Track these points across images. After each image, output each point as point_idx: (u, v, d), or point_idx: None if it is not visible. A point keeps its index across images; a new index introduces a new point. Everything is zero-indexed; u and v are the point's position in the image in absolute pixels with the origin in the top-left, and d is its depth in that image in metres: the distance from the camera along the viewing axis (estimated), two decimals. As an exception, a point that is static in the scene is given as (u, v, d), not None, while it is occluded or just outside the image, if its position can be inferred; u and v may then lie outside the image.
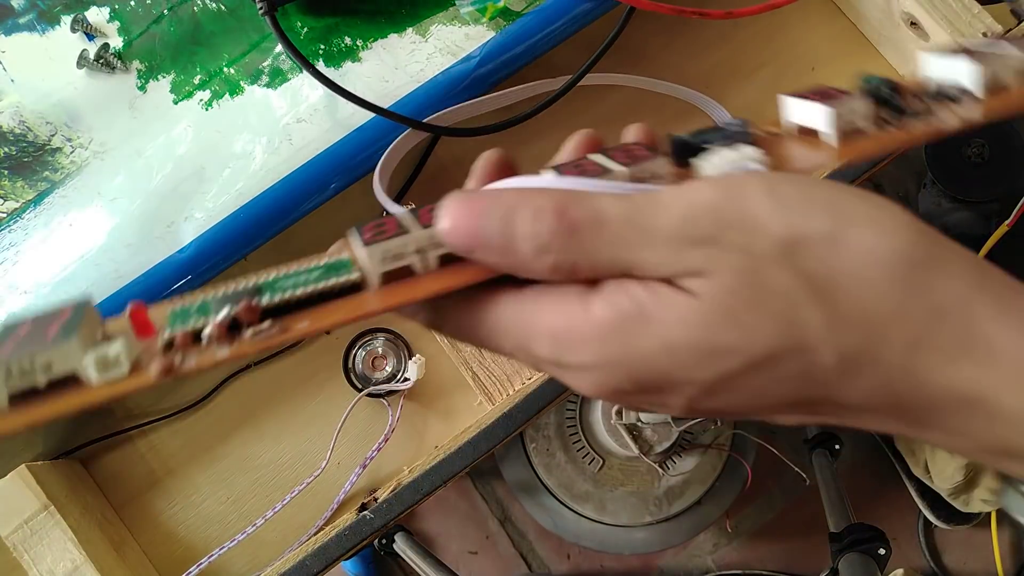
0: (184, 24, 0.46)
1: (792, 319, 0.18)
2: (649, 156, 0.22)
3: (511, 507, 1.08)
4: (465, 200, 0.20)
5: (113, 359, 0.20)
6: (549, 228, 0.19)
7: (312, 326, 0.21)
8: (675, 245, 0.19)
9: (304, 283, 0.22)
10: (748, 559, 1.08)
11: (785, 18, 0.53)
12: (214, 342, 0.21)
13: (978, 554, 1.06)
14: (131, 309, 0.22)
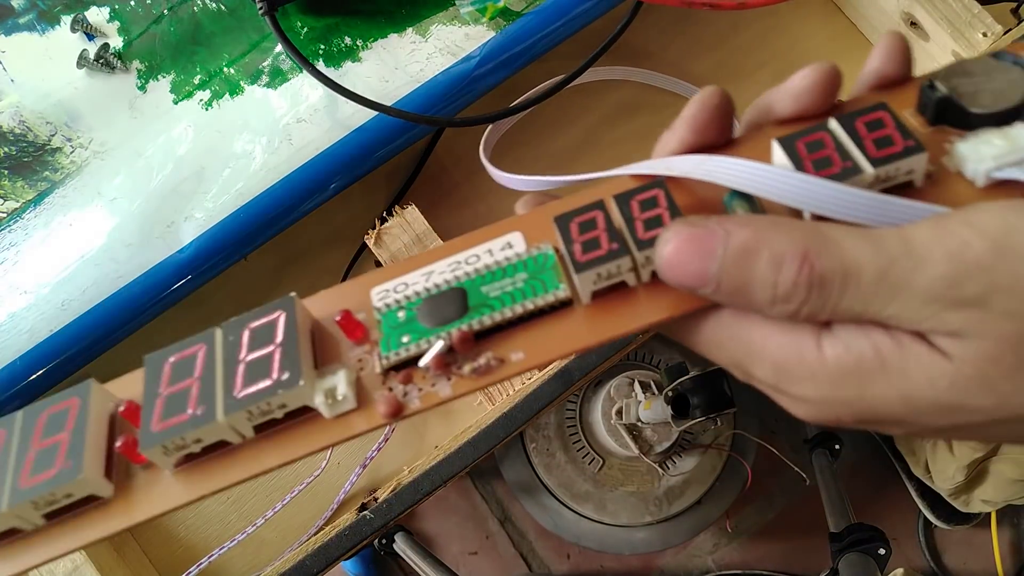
0: (184, 24, 0.46)
1: None
2: (899, 144, 0.20)
3: (511, 507, 1.08)
4: (690, 236, 0.19)
5: (340, 396, 0.21)
6: (791, 280, 0.18)
7: (528, 362, 0.20)
8: (934, 305, 0.17)
9: (512, 299, 0.21)
10: (748, 559, 1.08)
11: (785, 18, 0.53)
12: (431, 375, 0.21)
13: (978, 554, 1.06)
14: (340, 317, 0.21)
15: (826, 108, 0.22)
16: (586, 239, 0.20)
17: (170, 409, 0.21)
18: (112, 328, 0.42)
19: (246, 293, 0.49)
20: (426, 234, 0.45)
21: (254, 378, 0.20)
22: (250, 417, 0.20)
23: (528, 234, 0.22)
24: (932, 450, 0.92)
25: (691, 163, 0.21)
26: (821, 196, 0.19)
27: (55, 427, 0.21)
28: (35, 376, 0.41)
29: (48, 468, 0.20)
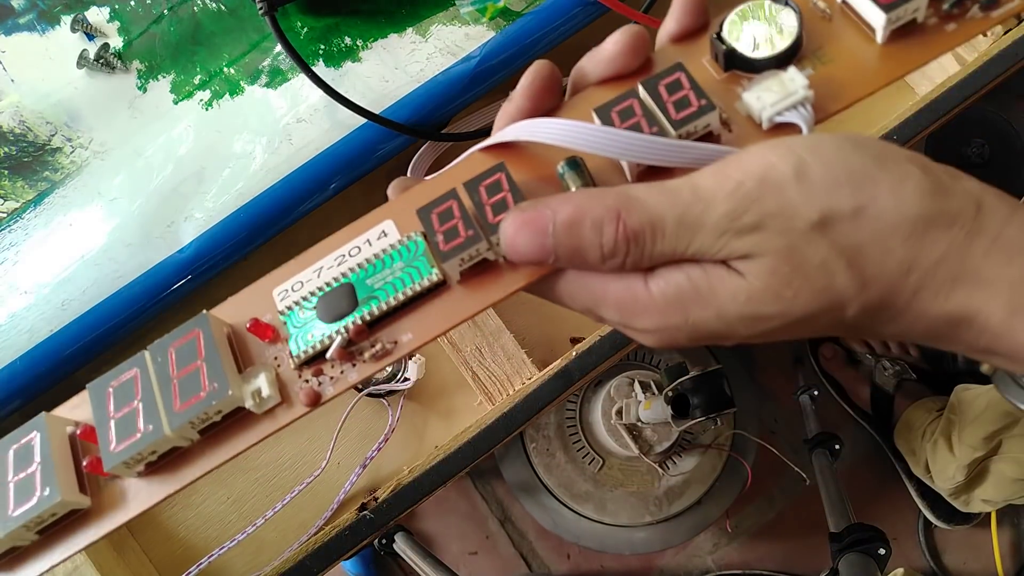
0: (184, 24, 0.46)
1: (827, 285, 0.21)
2: (695, 104, 0.23)
3: (511, 507, 1.08)
4: (524, 221, 0.23)
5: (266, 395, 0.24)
6: (612, 239, 0.22)
7: (416, 341, 0.24)
8: (724, 236, 0.21)
9: (393, 288, 0.24)
10: (748, 559, 1.08)
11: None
12: (338, 363, 0.24)
13: (978, 554, 1.06)
14: (250, 324, 0.25)
15: (636, 67, 0.26)
16: (446, 228, 0.24)
17: (122, 430, 0.24)
18: (112, 328, 0.42)
19: (246, 293, 0.49)
20: (426, 234, 0.45)
21: (189, 393, 0.23)
22: (193, 425, 0.23)
23: (399, 221, 0.25)
24: (932, 450, 0.92)
25: (524, 128, 0.25)
26: (631, 146, 0.23)
27: (24, 461, 0.24)
28: (35, 376, 0.41)
29: (29, 497, 0.24)
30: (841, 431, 1.00)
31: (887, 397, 1.00)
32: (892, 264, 0.21)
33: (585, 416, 0.92)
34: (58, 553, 0.24)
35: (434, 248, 0.24)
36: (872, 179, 0.21)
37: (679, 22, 0.26)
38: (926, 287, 0.22)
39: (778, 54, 0.24)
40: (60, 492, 0.23)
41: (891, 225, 0.21)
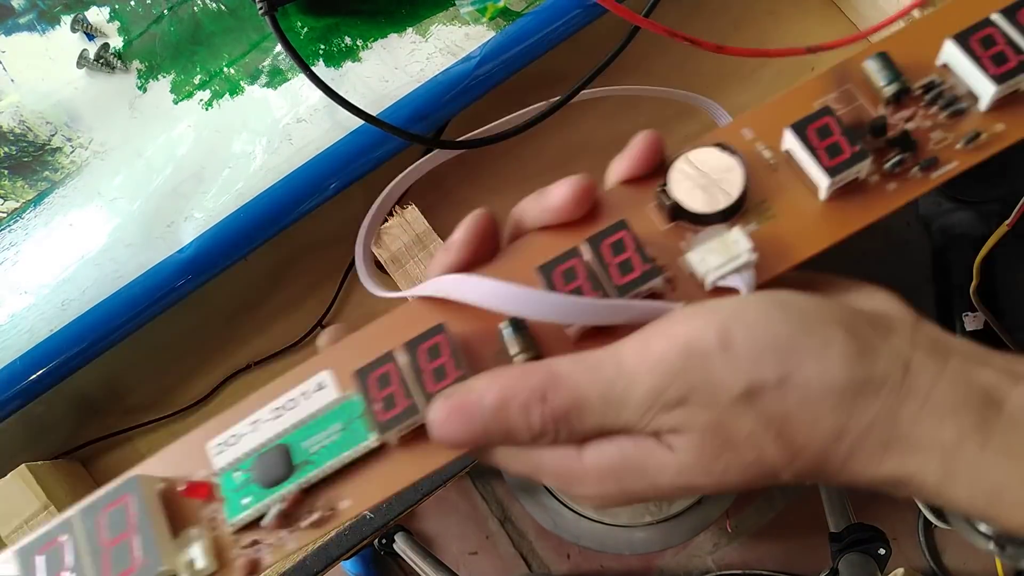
0: (184, 24, 0.46)
1: (757, 458, 0.22)
2: (638, 269, 0.24)
3: (511, 507, 1.08)
4: (452, 408, 0.23)
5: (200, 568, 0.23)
6: (539, 420, 0.22)
7: (355, 508, 0.24)
8: (649, 412, 0.22)
9: (329, 453, 0.23)
10: (748, 559, 1.08)
11: (785, 18, 0.53)
12: (274, 531, 0.24)
13: (978, 554, 1.06)
14: (184, 488, 0.24)
15: (580, 216, 0.26)
16: (384, 395, 0.23)
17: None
18: (112, 328, 0.42)
19: (246, 293, 0.49)
20: (426, 234, 0.45)
21: (120, 566, 0.22)
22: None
23: (336, 371, 0.25)
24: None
25: (460, 286, 0.25)
26: (570, 310, 0.23)
27: None
28: (35, 376, 0.41)
29: None
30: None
31: (887, 397, 1.00)
32: (821, 432, 0.21)
33: (585, 416, 0.92)
34: None
35: (372, 415, 0.23)
36: (796, 347, 0.21)
37: (631, 166, 0.26)
38: (858, 453, 0.21)
39: (723, 209, 0.24)
40: None
41: (818, 393, 0.21)
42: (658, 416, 0.21)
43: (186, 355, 0.48)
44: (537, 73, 0.48)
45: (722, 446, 0.21)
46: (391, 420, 0.23)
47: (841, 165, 0.23)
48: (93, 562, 0.23)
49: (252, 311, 0.49)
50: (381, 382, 0.23)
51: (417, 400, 0.23)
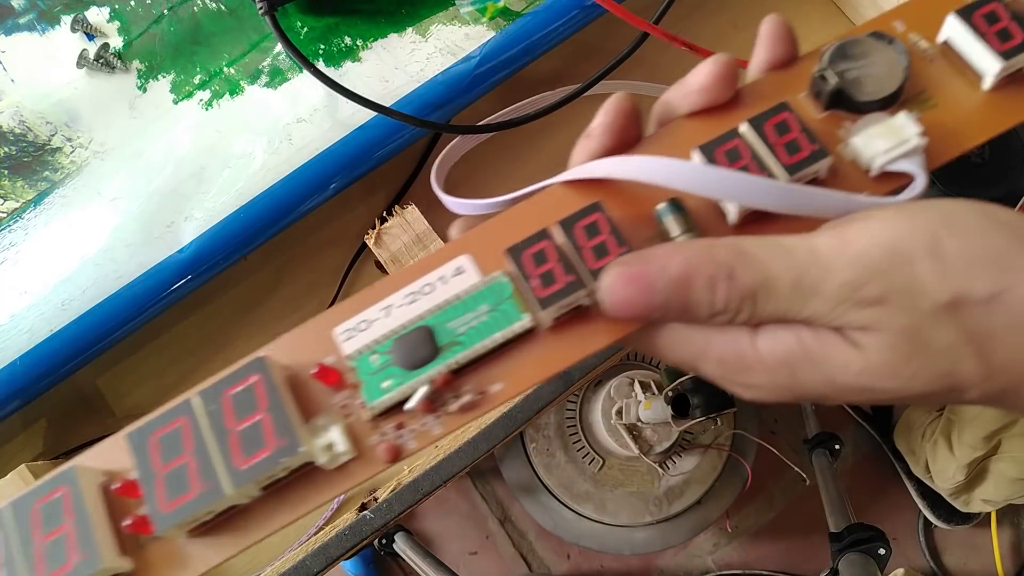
0: (184, 24, 0.46)
1: (949, 371, 0.20)
2: (807, 149, 0.22)
3: (511, 507, 1.08)
4: (629, 278, 0.21)
5: (340, 450, 0.22)
6: (723, 298, 0.21)
7: (507, 392, 0.22)
8: (842, 305, 0.20)
9: (479, 334, 0.22)
10: (748, 559, 1.08)
11: (785, 18, 0.53)
12: (420, 416, 0.22)
13: (978, 554, 1.06)
14: (316, 371, 0.22)
15: (726, 100, 0.24)
16: (542, 272, 0.22)
17: (173, 488, 0.21)
18: (112, 328, 0.42)
19: (246, 293, 0.49)
20: (426, 234, 0.45)
21: (252, 448, 0.21)
22: (257, 483, 0.21)
23: (476, 255, 0.23)
24: (932, 450, 0.92)
25: (623, 165, 0.23)
26: (746, 189, 0.22)
27: (53, 519, 0.21)
28: (35, 376, 0.41)
29: (63, 563, 0.21)
30: (841, 431, 1.00)
31: (887, 397, 1.00)
32: (1021, 353, 0.20)
33: (585, 416, 0.92)
34: None
35: (527, 292, 0.22)
36: (1013, 264, 0.20)
37: (771, 52, 0.25)
38: None
39: (884, 97, 0.23)
40: (101, 559, 0.21)
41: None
42: (849, 311, 0.20)
43: (186, 355, 0.49)
44: (537, 73, 0.48)
45: (915, 352, 0.20)
46: (552, 296, 0.21)
47: (1014, 49, 0.23)
48: (220, 444, 0.21)
49: (252, 311, 0.49)
50: (537, 259, 0.22)
51: (580, 276, 0.22)
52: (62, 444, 0.47)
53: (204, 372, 0.48)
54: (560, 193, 0.24)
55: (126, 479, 0.22)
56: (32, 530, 0.21)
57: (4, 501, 0.22)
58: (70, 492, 0.22)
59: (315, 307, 0.49)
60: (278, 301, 0.49)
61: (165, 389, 0.48)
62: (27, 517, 0.22)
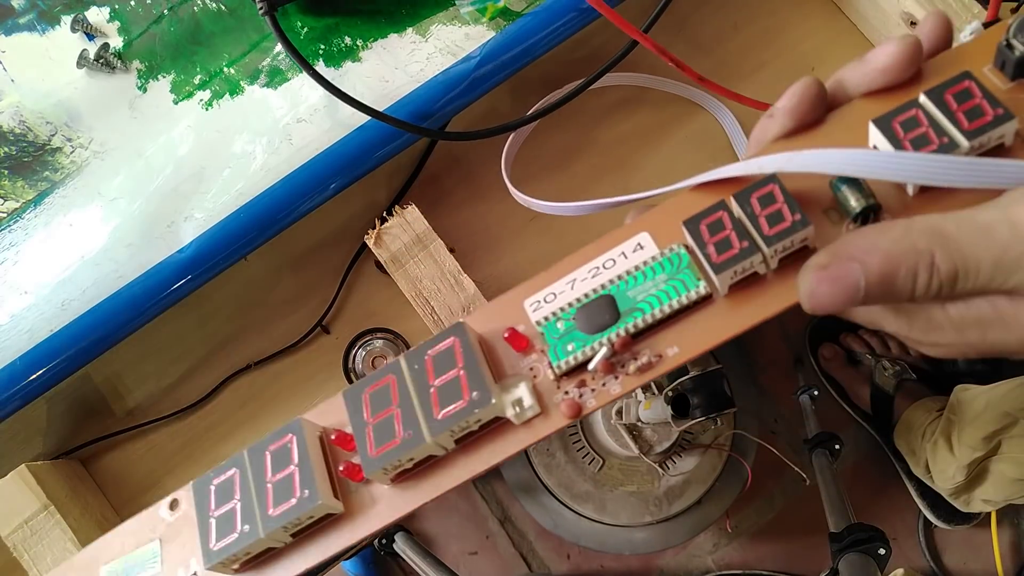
0: (184, 24, 0.46)
1: None
2: (989, 114, 0.22)
3: (511, 507, 1.08)
4: (830, 278, 0.22)
5: (527, 406, 0.24)
6: (925, 284, 0.21)
7: (683, 355, 0.23)
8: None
9: (658, 300, 0.23)
10: (748, 559, 1.08)
11: (785, 18, 0.53)
12: (600, 376, 0.24)
13: (978, 554, 1.06)
14: (506, 335, 0.24)
15: (907, 79, 0.24)
16: (717, 240, 0.23)
17: (381, 436, 0.24)
18: (112, 328, 0.42)
19: (246, 293, 0.49)
20: (426, 234, 0.45)
21: (449, 400, 0.23)
22: (452, 434, 0.23)
23: (654, 233, 0.25)
24: (932, 450, 0.92)
25: (781, 160, 0.23)
26: (920, 169, 0.22)
27: (281, 463, 0.25)
28: (35, 376, 0.41)
29: (288, 499, 0.24)
30: (841, 431, 1.00)
31: (887, 397, 1.00)
32: None
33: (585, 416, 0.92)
34: (311, 557, 0.25)
35: (703, 260, 0.23)
36: None
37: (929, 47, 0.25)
38: None
39: None
40: (320, 495, 0.24)
41: None
42: None
43: (186, 355, 0.49)
44: (537, 73, 0.48)
45: None
46: (726, 261, 0.22)
47: None
48: (421, 399, 0.24)
49: (252, 311, 0.49)
50: (712, 228, 0.23)
51: (753, 242, 0.22)
52: (62, 444, 0.47)
53: (204, 372, 0.48)
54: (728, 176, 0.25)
55: (341, 431, 0.25)
56: (265, 471, 0.25)
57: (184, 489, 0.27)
58: (296, 440, 0.25)
59: (315, 307, 0.49)
60: (278, 301, 0.49)
61: (165, 389, 0.48)
62: (261, 459, 0.25)
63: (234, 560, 0.25)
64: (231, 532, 0.24)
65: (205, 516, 0.25)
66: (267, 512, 0.24)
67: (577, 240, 0.49)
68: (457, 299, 0.44)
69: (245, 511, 0.25)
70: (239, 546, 0.24)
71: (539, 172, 0.50)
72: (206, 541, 0.25)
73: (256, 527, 0.24)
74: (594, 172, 0.50)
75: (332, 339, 0.49)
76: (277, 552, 0.25)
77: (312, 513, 0.24)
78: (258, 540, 0.24)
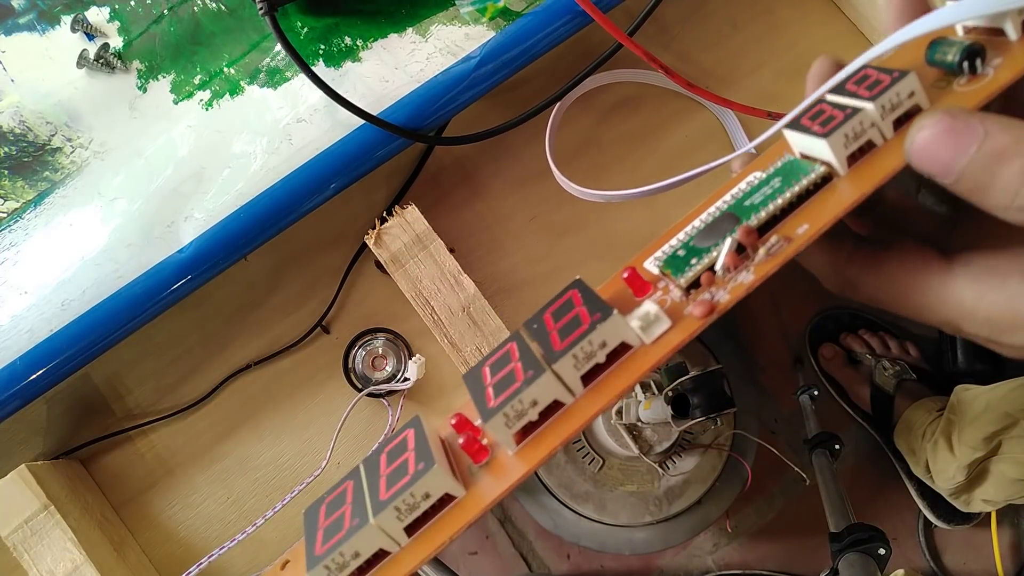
0: (184, 24, 0.46)
1: None
2: None
3: (511, 507, 1.08)
4: (948, 129, 0.20)
5: (653, 317, 0.22)
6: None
7: (813, 229, 0.22)
8: None
9: (777, 194, 0.23)
10: (748, 559, 1.08)
11: (785, 18, 0.53)
12: (731, 272, 0.22)
13: (978, 554, 1.06)
14: (626, 275, 0.23)
15: None
16: (820, 120, 0.23)
17: (500, 388, 0.22)
18: (112, 328, 0.42)
19: (246, 293, 0.49)
20: (426, 234, 0.45)
21: (569, 332, 0.22)
22: (576, 364, 0.22)
23: (765, 169, 0.24)
24: (932, 450, 0.92)
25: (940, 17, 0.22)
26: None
27: (397, 453, 0.23)
28: (35, 376, 0.41)
29: (403, 477, 0.22)
30: (841, 431, 1.00)
31: (887, 397, 1.00)
32: None
33: (585, 416, 0.92)
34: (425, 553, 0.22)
35: (812, 135, 0.23)
36: None
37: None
38: None
39: None
40: (436, 461, 0.22)
41: None
42: None
43: (186, 355, 0.49)
44: (537, 74, 0.48)
45: None
46: (836, 127, 0.22)
47: None
48: (541, 343, 0.22)
49: (252, 311, 0.49)
50: (814, 117, 0.23)
51: (859, 108, 0.22)
52: (62, 444, 0.47)
53: (204, 372, 0.48)
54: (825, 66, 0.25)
55: (460, 415, 0.23)
56: (379, 468, 0.23)
57: None
58: (412, 433, 0.24)
59: (315, 307, 0.49)
60: (278, 301, 0.49)
61: (165, 389, 0.48)
62: (376, 461, 0.24)
63: (340, 566, 0.22)
64: (338, 532, 0.22)
65: (313, 532, 0.23)
66: (378, 499, 0.22)
67: (578, 236, 0.50)
68: (457, 299, 0.44)
69: (356, 509, 0.22)
70: (346, 542, 0.21)
71: (541, 172, 0.50)
72: (312, 551, 0.22)
73: (365, 516, 0.22)
74: (595, 171, 0.50)
75: (332, 339, 0.49)
76: (391, 560, 0.22)
77: (428, 488, 0.22)
78: (368, 530, 0.21)
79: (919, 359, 1.04)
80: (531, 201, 0.50)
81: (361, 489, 0.23)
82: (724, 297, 0.22)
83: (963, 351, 1.02)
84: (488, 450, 0.23)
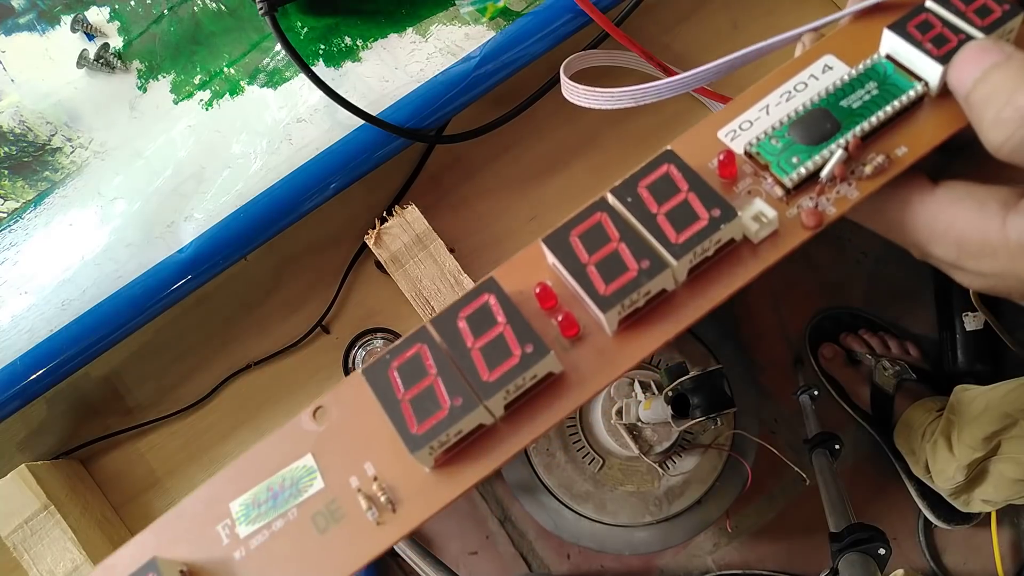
0: (184, 24, 0.46)
1: None
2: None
3: (511, 507, 1.08)
4: (979, 48, 0.21)
5: (763, 215, 0.22)
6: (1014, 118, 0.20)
7: (912, 155, 0.23)
8: None
9: (876, 105, 0.23)
10: (748, 559, 1.08)
11: (784, 17, 0.53)
12: (837, 183, 0.23)
13: (978, 554, 1.06)
14: (723, 156, 0.23)
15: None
16: (931, 36, 0.23)
17: (608, 272, 0.22)
18: (112, 328, 0.42)
19: (246, 293, 0.49)
20: (426, 234, 0.45)
21: (683, 223, 0.22)
22: (693, 258, 0.22)
23: (839, 53, 0.25)
24: (932, 450, 0.92)
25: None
26: None
27: (483, 322, 0.22)
28: (35, 376, 0.41)
29: (507, 358, 0.21)
30: (841, 431, 1.00)
31: (887, 397, 1.00)
32: None
33: (585, 416, 0.92)
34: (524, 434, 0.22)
35: (923, 55, 0.23)
36: None
37: None
38: None
39: None
40: (548, 347, 0.21)
41: None
42: None
43: (186, 355, 0.49)
44: (537, 73, 0.48)
45: None
46: (949, 53, 0.22)
47: None
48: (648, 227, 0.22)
49: (252, 311, 0.49)
50: (922, 28, 0.23)
51: (970, 35, 0.22)
52: (62, 444, 0.47)
53: (204, 372, 0.48)
54: None
55: (544, 284, 0.23)
56: (464, 338, 0.22)
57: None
58: (496, 297, 0.22)
59: (315, 307, 0.49)
60: (278, 301, 0.49)
61: (165, 389, 0.48)
62: (453, 327, 0.22)
63: (442, 444, 0.21)
64: (437, 410, 0.21)
65: (394, 402, 0.22)
66: (481, 379, 0.21)
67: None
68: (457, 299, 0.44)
69: (452, 386, 0.21)
70: (452, 423, 0.21)
71: (541, 172, 0.50)
72: (404, 428, 0.21)
73: (472, 399, 0.21)
74: (595, 171, 0.50)
75: (332, 339, 0.49)
76: (487, 432, 0.22)
77: (537, 371, 0.21)
78: (476, 413, 0.21)
79: (919, 359, 1.04)
80: (531, 201, 0.50)
81: (443, 360, 0.22)
82: (831, 210, 0.22)
83: (963, 351, 1.02)
84: (579, 325, 0.22)
